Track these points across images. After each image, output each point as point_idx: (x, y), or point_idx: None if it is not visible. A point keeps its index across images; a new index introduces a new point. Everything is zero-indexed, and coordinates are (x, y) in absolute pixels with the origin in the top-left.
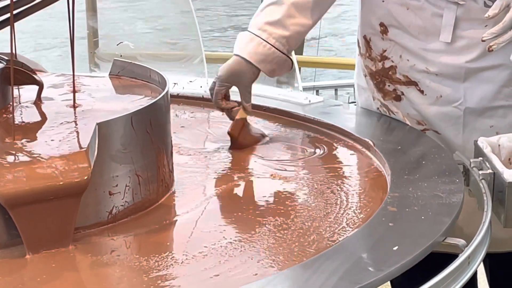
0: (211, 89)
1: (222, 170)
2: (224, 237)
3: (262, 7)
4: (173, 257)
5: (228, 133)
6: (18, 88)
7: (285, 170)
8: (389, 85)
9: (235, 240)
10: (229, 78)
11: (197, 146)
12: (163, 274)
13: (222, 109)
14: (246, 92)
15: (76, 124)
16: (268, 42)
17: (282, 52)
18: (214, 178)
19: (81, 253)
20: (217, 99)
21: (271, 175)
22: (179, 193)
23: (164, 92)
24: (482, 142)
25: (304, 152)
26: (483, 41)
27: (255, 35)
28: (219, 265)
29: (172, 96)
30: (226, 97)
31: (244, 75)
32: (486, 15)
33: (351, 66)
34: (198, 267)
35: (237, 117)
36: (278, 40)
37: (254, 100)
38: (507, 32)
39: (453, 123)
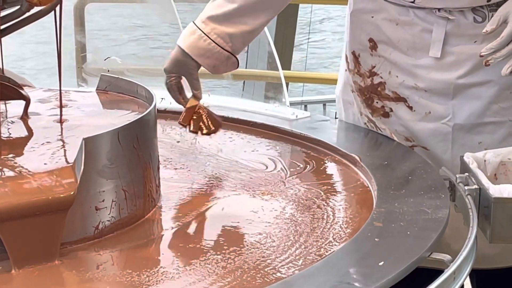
0: (166, 84)
1: (209, 185)
2: (212, 251)
3: (211, 1)
4: (163, 271)
5: (179, 123)
6: (5, 103)
7: (272, 185)
8: (377, 102)
9: (223, 254)
10: (173, 68)
11: (183, 161)
12: None
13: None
14: (192, 80)
15: (63, 139)
16: (209, 37)
17: (223, 49)
18: (201, 193)
19: (67, 269)
20: (174, 94)
21: (258, 190)
22: (165, 208)
23: (151, 107)
24: (468, 157)
25: (291, 168)
26: (481, 56)
27: (197, 27)
28: (208, 280)
29: (159, 111)
30: (180, 89)
31: (186, 63)
32: (484, 30)
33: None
34: (187, 281)
35: (187, 105)
36: (219, 36)
37: (241, 115)
38: (504, 47)
39: (441, 139)
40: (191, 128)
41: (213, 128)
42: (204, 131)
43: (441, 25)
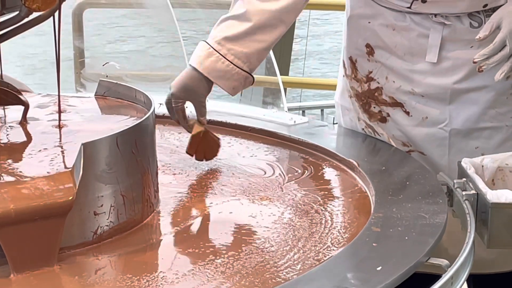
0: (167, 104)
1: (207, 190)
2: (211, 256)
3: (223, 18)
4: (163, 276)
5: (186, 152)
6: (4, 109)
7: (270, 190)
8: (374, 107)
9: (222, 259)
10: (182, 94)
11: (182, 166)
12: None
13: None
14: (200, 107)
15: (62, 145)
16: (226, 59)
17: (242, 69)
18: (199, 198)
19: (66, 273)
20: (179, 119)
21: (257, 196)
22: (164, 213)
23: (150, 113)
24: (466, 163)
25: (289, 173)
26: (474, 62)
27: (214, 49)
28: (207, 285)
29: (157, 116)
30: (184, 113)
31: (198, 90)
32: (477, 37)
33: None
34: (187, 286)
35: (193, 132)
36: (237, 57)
37: (239, 121)
38: (497, 53)
39: (438, 144)
40: (197, 157)
41: (214, 153)
42: (208, 157)
43: (438, 30)
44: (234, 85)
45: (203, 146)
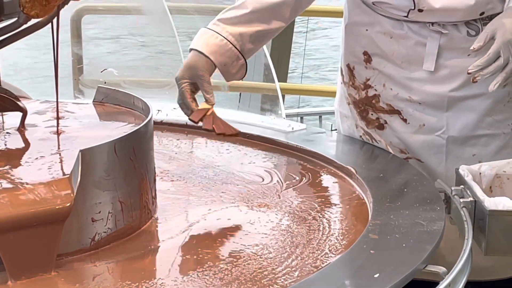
0: (178, 100)
1: (205, 197)
2: (209, 262)
3: (223, 11)
4: (161, 283)
5: (189, 119)
6: (2, 115)
7: (268, 197)
8: (372, 114)
9: (221, 265)
10: (185, 73)
11: (180, 173)
12: None
13: (191, 112)
14: (204, 82)
15: (60, 151)
16: (220, 35)
17: (235, 47)
18: (197, 204)
19: (63, 280)
20: (187, 102)
21: (255, 202)
22: (161, 219)
23: (148, 119)
24: (463, 170)
25: (287, 180)
26: (468, 73)
27: (209, 28)
28: None
29: (155, 123)
30: (192, 95)
31: (197, 65)
32: (472, 47)
33: (334, 94)
34: None
35: (200, 107)
36: (231, 34)
37: (238, 127)
38: (491, 64)
39: (436, 152)
40: (204, 125)
41: (228, 131)
42: (218, 131)
43: (435, 38)
44: (226, 62)
45: (218, 121)
